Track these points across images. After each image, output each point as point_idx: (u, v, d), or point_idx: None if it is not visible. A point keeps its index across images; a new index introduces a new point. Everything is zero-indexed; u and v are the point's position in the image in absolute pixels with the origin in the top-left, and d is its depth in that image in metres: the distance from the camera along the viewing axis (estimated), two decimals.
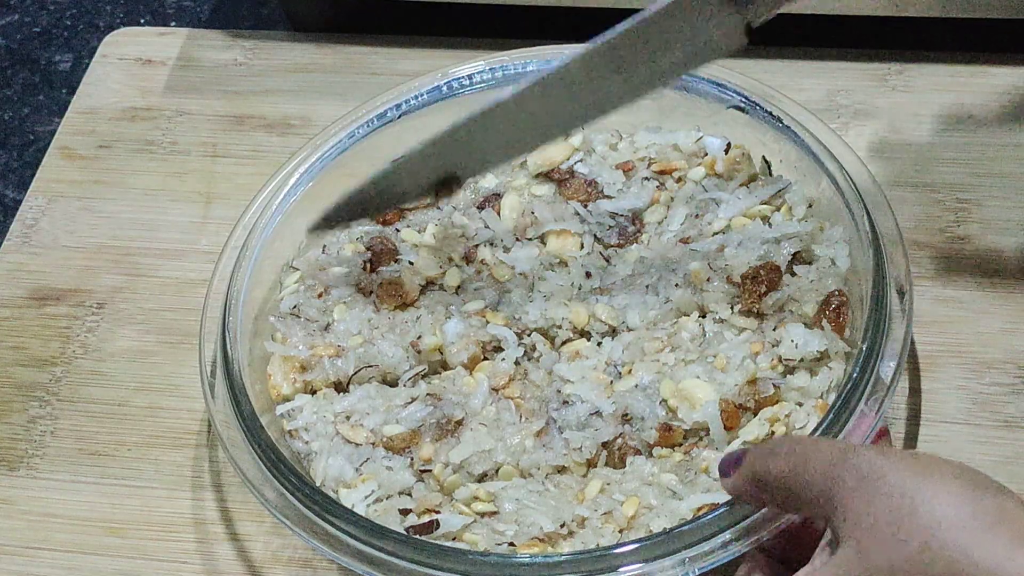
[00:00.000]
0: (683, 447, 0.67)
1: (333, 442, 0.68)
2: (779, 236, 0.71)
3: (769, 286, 0.69)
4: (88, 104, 0.95)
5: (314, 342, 0.72)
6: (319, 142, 0.78)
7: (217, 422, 0.67)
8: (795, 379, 0.67)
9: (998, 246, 0.78)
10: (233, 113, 0.92)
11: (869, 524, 0.49)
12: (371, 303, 0.73)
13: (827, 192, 0.72)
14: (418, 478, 0.67)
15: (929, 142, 0.84)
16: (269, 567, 0.71)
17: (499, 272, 0.73)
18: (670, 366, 0.68)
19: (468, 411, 0.68)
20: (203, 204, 0.88)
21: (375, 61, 0.94)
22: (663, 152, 0.78)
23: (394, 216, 0.77)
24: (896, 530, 0.48)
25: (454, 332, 0.71)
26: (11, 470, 0.76)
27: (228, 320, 0.71)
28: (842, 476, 0.51)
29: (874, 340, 0.64)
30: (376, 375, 0.71)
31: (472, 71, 0.80)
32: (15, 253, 0.87)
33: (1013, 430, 0.71)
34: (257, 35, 0.98)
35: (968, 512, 0.48)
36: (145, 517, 0.73)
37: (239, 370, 0.69)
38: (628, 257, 0.73)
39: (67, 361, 0.81)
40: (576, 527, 0.64)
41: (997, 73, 0.87)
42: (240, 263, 0.73)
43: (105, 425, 0.77)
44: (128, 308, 0.83)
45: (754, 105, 0.75)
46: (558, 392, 0.69)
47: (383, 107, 0.80)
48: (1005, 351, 0.74)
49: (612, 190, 0.76)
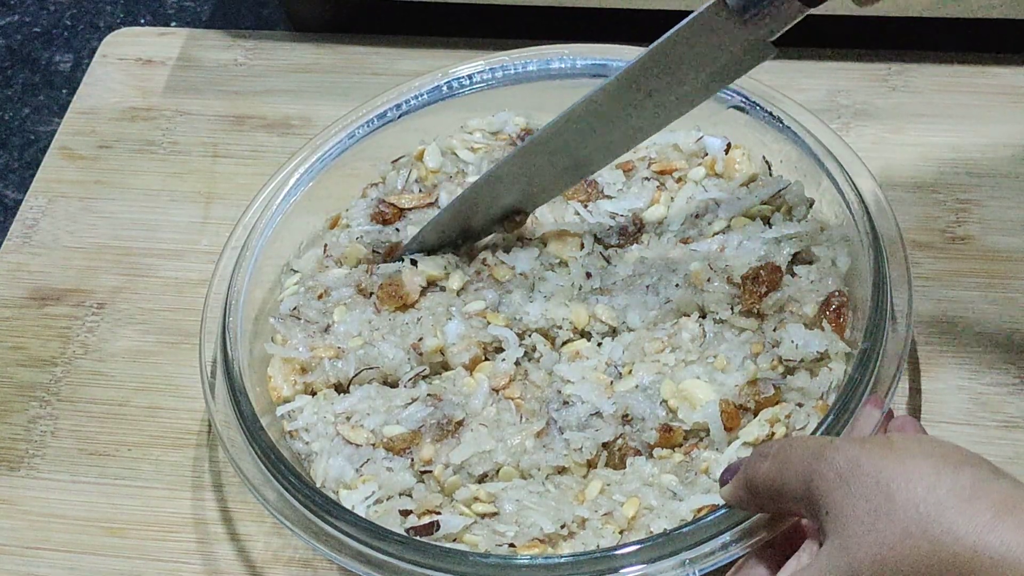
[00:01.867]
0: (683, 448, 0.67)
1: (333, 443, 0.68)
2: (779, 236, 0.71)
3: (769, 286, 0.69)
4: (88, 104, 0.95)
5: (314, 343, 0.72)
6: (319, 142, 0.79)
7: (217, 423, 0.67)
8: (795, 380, 0.67)
9: (998, 246, 0.78)
10: (233, 113, 0.92)
11: (850, 516, 0.49)
12: (371, 304, 0.73)
13: (827, 192, 0.72)
14: (418, 479, 0.67)
15: (929, 142, 0.84)
16: (269, 567, 0.71)
17: (499, 273, 0.73)
18: (670, 366, 0.68)
19: (468, 412, 0.68)
20: (203, 204, 0.88)
21: (375, 61, 0.94)
22: (663, 152, 0.78)
23: (395, 215, 0.77)
24: (875, 519, 0.48)
25: (455, 333, 0.71)
26: (11, 470, 0.76)
27: (228, 321, 0.71)
28: (821, 471, 0.51)
29: (874, 341, 0.64)
30: (377, 376, 0.71)
31: (472, 71, 0.80)
32: (15, 253, 0.87)
33: (1013, 430, 0.71)
34: (257, 35, 0.98)
35: (944, 490, 0.48)
36: (145, 517, 0.73)
37: (239, 371, 0.69)
38: (628, 257, 0.73)
39: (67, 361, 0.81)
40: (576, 528, 0.64)
41: (997, 73, 0.87)
42: (240, 263, 0.73)
43: (105, 425, 0.77)
44: (128, 308, 0.83)
45: (754, 105, 0.76)
46: (558, 392, 0.69)
47: (383, 107, 0.80)
48: (1005, 351, 0.74)
49: (612, 190, 0.76)
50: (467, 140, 0.80)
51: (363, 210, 0.78)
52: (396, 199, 0.78)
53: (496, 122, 0.80)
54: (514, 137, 0.80)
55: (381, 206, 0.77)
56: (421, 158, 0.79)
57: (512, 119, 0.80)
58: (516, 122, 0.80)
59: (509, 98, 0.81)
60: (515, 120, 0.80)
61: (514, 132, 0.80)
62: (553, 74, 0.80)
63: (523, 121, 0.80)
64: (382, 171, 0.80)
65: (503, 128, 0.80)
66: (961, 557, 0.46)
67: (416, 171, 0.79)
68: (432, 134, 0.80)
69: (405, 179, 0.79)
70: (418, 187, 0.79)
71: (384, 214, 0.77)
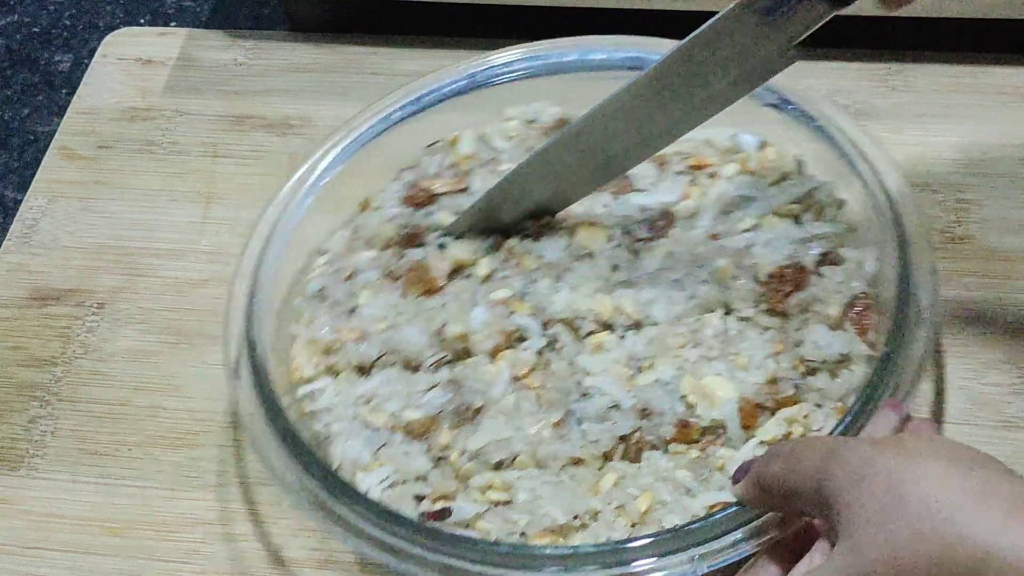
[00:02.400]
0: (700, 444, 0.66)
1: (352, 425, 0.68)
2: (808, 236, 0.71)
3: (795, 286, 0.69)
4: (88, 104, 0.95)
5: (339, 325, 0.72)
6: (354, 124, 0.78)
7: (239, 403, 0.67)
8: (815, 380, 0.67)
9: (998, 246, 0.78)
10: (233, 113, 0.92)
11: (861, 517, 0.49)
12: (398, 288, 0.73)
13: (858, 194, 0.71)
14: (434, 464, 0.67)
15: (929, 142, 0.84)
16: (269, 567, 0.71)
17: (527, 262, 0.73)
18: (692, 362, 0.68)
19: (488, 399, 0.68)
20: (203, 204, 0.88)
21: (375, 61, 0.94)
22: (697, 147, 0.77)
23: (426, 199, 0.77)
24: (887, 520, 0.48)
25: (479, 320, 0.71)
26: (11, 470, 0.76)
27: (254, 299, 0.70)
28: (833, 471, 0.51)
29: (896, 345, 0.64)
30: (399, 360, 0.71)
31: (510, 58, 0.80)
32: (15, 253, 0.87)
33: (1013, 430, 0.71)
34: (257, 35, 0.98)
35: (955, 491, 0.48)
36: (145, 517, 0.73)
37: (263, 350, 0.69)
38: (656, 251, 0.73)
39: (67, 361, 0.81)
40: (589, 520, 0.64)
41: (997, 73, 0.87)
42: (270, 242, 0.73)
43: (105, 425, 0.78)
44: (128, 308, 0.83)
45: (789, 104, 0.75)
46: (579, 384, 0.68)
47: (419, 92, 0.79)
48: (1005, 351, 0.74)
49: (644, 183, 0.76)
50: (502, 128, 0.80)
51: (395, 193, 0.78)
52: (428, 183, 0.77)
53: (531, 111, 0.80)
54: (549, 126, 0.79)
55: (413, 190, 0.77)
56: (455, 144, 0.79)
57: (548, 109, 0.80)
58: (551, 112, 0.80)
59: (546, 88, 0.80)
60: (550, 110, 0.80)
61: (549, 122, 0.79)
62: (592, 65, 0.79)
63: (558, 111, 0.80)
64: (416, 155, 0.80)
65: (538, 117, 0.80)
66: (973, 558, 0.46)
67: (450, 156, 0.79)
68: (467, 121, 0.80)
69: (439, 164, 0.79)
70: (451, 172, 0.78)
71: (416, 198, 0.77)
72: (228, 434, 0.76)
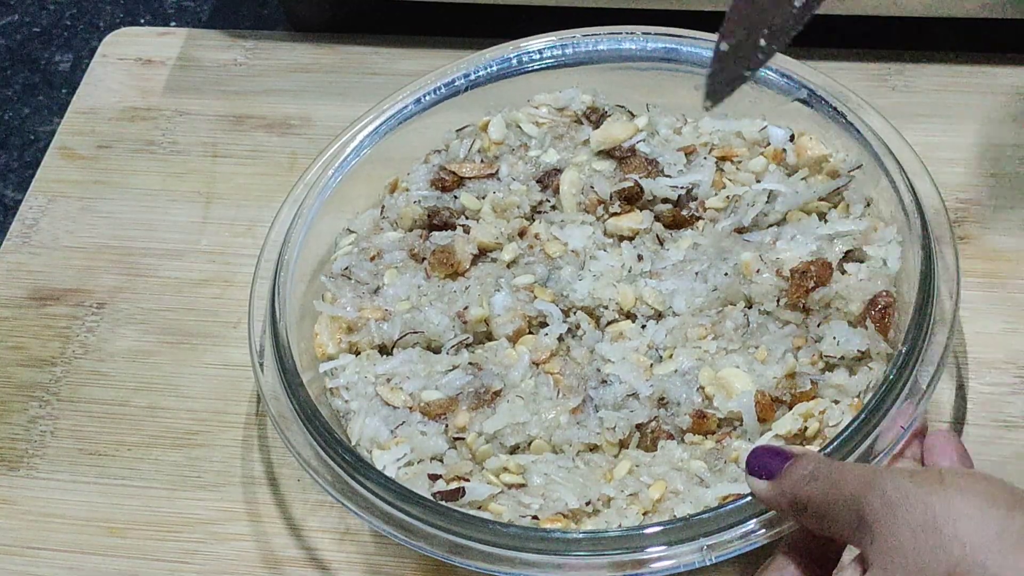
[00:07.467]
0: (715, 435, 0.67)
1: (372, 403, 0.69)
2: (833, 233, 0.71)
3: (818, 282, 0.68)
4: (88, 104, 0.95)
5: (362, 304, 0.72)
6: (386, 106, 0.78)
7: (261, 380, 0.68)
8: (834, 376, 0.67)
9: (998, 246, 0.78)
10: (233, 113, 0.92)
11: (895, 548, 0.49)
12: (422, 270, 0.74)
13: (885, 192, 0.71)
14: (451, 445, 0.67)
15: (929, 142, 0.84)
16: (270, 567, 0.71)
17: (551, 248, 0.73)
18: (711, 354, 0.68)
19: (507, 383, 0.69)
20: (203, 204, 0.88)
21: (375, 61, 0.94)
22: (726, 139, 0.77)
23: (454, 183, 0.77)
24: (920, 553, 0.48)
25: (501, 305, 0.71)
26: (11, 470, 0.76)
27: (279, 276, 0.71)
28: (870, 500, 0.51)
29: (914, 343, 0.64)
30: (421, 341, 0.71)
31: (542, 45, 0.80)
32: (15, 253, 0.87)
33: (1013, 430, 0.71)
34: (257, 35, 0.98)
35: (993, 533, 0.47)
36: (145, 517, 0.73)
37: (286, 326, 0.69)
38: (681, 243, 0.73)
39: (67, 361, 0.81)
40: (601, 506, 0.64)
41: (997, 73, 0.87)
42: (297, 220, 0.74)
43: (105, 425, 0.77)
44: (128, 308, 0.83)
45: (819, 99, 0.75)
46: (598, 371, 0.69)
47: (451, 76, 0.80)
48: (1005, 351, 0.74)
49: (673, 171, 0.75)
50: (533, 114, 0.79)
51: (423, 175, 0.78)
52: (457, 167, 0.78)
53: (562, 98, 0.80)
54: (579, 114, 0.79)
55: (441, 172, 0.77)
56: (485, 129, 0.79)
57: (579, 96, 0.80)
58: (583, 100, 0.79)
59: (577, 78, 0.80)
60: (582, 98, 0.80)
61: (580, 109, 0.79)
62: (624, 55, 0.79)
63: (589, 99, 0.79)
64: (446, 138, 0.80)
65: (569, 105, 0.79)
66: None
67: (479, 141, 0.79)
68: (498, 107, 0.80)
69: (468, 148, 0.79)
70: (480, 157, 0.78)
71: (443, 181, 0.77)
72: (228, 434, 0.76)
